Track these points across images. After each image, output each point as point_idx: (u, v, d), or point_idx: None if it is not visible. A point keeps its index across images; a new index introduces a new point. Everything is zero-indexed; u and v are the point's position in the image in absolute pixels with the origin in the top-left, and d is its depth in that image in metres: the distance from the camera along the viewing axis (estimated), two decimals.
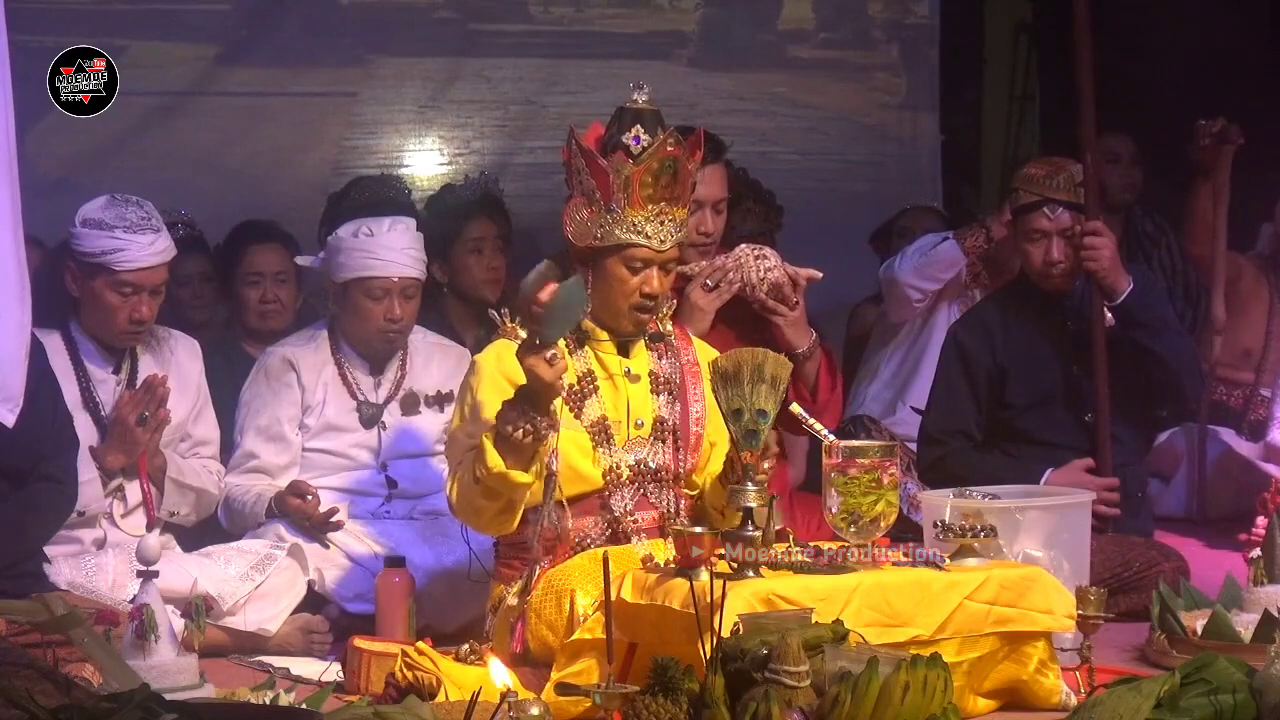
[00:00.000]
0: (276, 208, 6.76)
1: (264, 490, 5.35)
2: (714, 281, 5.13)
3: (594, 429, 4.44)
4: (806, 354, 5.12)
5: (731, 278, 5.13)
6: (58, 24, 7.01)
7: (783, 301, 5.11)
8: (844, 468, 4.23)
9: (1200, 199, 6.59)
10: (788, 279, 5.13)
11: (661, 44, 8.12)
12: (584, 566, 4.28)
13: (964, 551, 4.24)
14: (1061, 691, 4.23)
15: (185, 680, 4.22)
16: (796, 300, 5.13)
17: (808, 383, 5.13)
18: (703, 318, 5.07)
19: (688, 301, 5.09)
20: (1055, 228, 5.43)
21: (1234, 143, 6.41)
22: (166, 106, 7.48)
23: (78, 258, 5.13)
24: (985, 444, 5.55)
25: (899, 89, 8.41)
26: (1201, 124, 6.44)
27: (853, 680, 3.59)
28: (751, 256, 5.14)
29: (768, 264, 5.13)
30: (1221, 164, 6.46)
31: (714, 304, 5.12)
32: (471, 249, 6.29)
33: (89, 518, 5.06)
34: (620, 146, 4.39)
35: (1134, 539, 5.40)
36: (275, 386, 5.43)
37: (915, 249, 6.57)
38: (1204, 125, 6.43)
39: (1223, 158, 6.45)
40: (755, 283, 5.11)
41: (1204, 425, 6.57)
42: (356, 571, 5.24)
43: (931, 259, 6.49)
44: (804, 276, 5.17)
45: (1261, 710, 3.74)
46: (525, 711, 3.43)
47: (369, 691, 4.36)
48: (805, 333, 5.16)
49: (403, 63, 7.84)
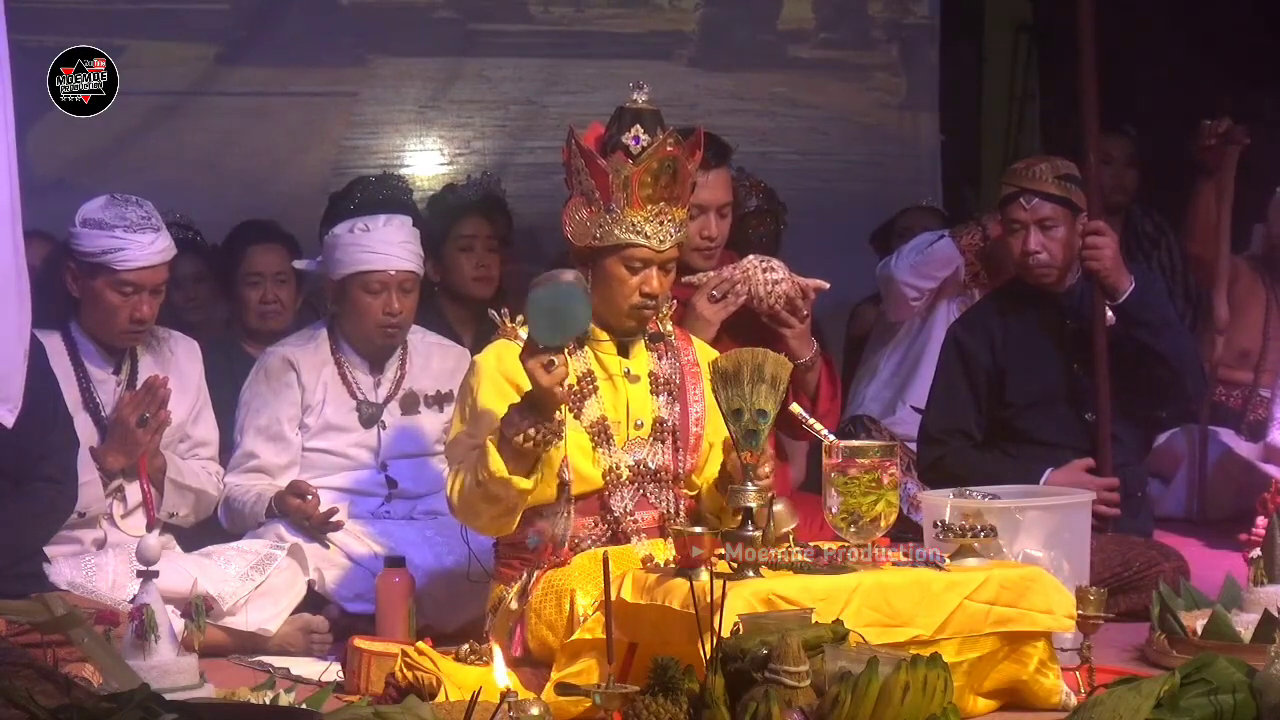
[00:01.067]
0: (276, 208, 6.76)
1: (264, 490, 5.35)
2: (720, 293, 5.12)
3: (594, 429, 4.44)
4: (808, 364, 5.12)
5: (739, 290, 5.11)
6: (58, 24, 7.01)
7: (793, 313, 5.11)
8: (844, 468, 4.23)
9: (1203, 199, 6.59)
10: (797, 290, 5.12)
11: (661, 44, 8.13)
12: (584, 566, 4.28)
13: (964, 551, 4.24)
14: (1061, 691, 4.23)
15: (185, 680, 4.22)
16: (806, 313, 5.13)
17: (808, 391, 5.12)
18: (708, 329, 5.05)
19: (693, 312, 5.07)
20: (1032, 218, 5.43)
21: (1239, 143, 6.41)
22: (166, 106, 7.48)
23: (78, 257, 5.13)
24: (985, 444, 5.54)
25: (899, 89, 8.41)
26: (1206, 124, 6.44)
27: (853, 680, 3.59)
28: (759, 269, 5.12)
29: (775, 276, 5.11)
30: (1226, 164, 6.46)
31: (720, 315, 5.11)
32: (462, 247, 6.30)
33: (89, 518, 5.06)
34: (620, 146, 4.39)
35: (1134, 539, 5.40)
36: (275, 386, 5.44)
37: (911, 247, 6.58)
38: (1209, 125, 6.42)
39: (1227, 158, 6.45)
40: (763, 295, 5.09)
41: (1205, 426, 6.57)
42: (356, 571, 5.24)
43: (928, 257, 6.50)
44: (812, 288, 5.16)
45: (1261, 710, 3.74)
46: (525, 711, 3.43)
47: (369, 691, 4.36)
48: (808, 343, 5.15)
49: (403, 63, 7.85)
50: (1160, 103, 7.49)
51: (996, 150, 8.42)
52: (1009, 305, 5.63)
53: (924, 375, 6.34)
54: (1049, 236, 5.42)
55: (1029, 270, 5.48)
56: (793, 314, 5.11)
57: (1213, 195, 6.53)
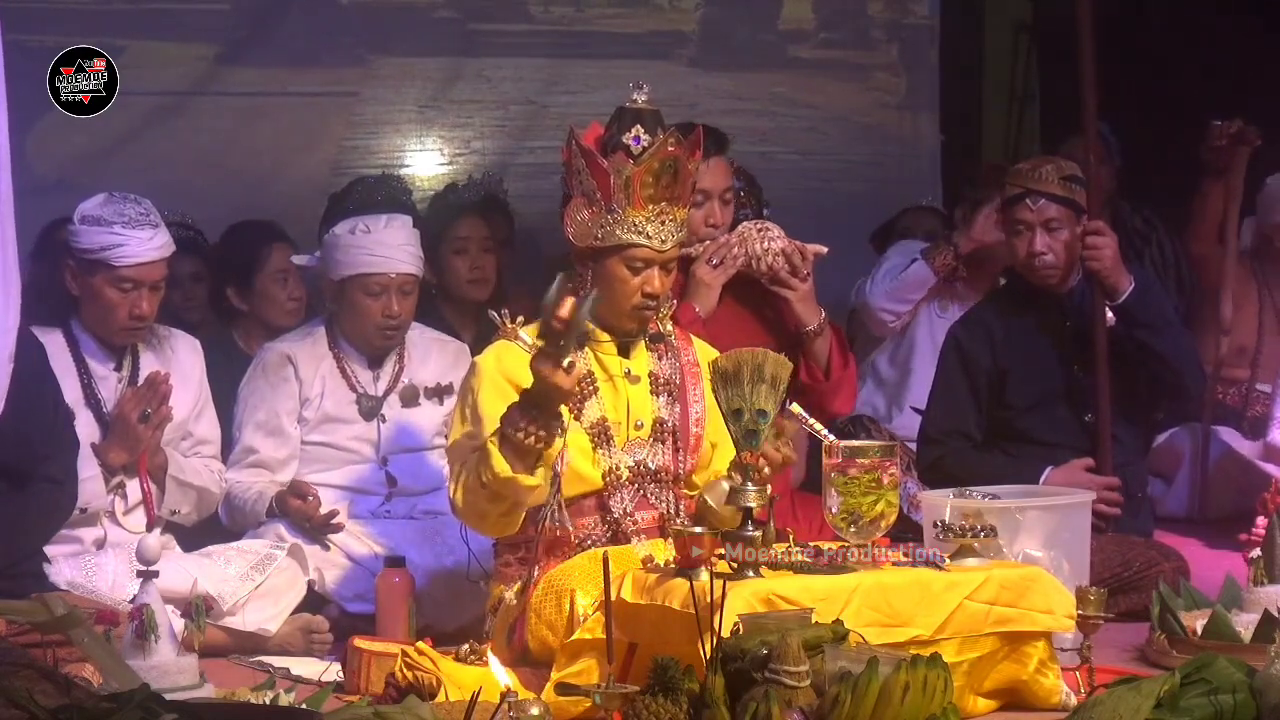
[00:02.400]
0: (276, 208, 6.76)
1: (265, 488, 5.36)
2: (719, 258, 5.16)
3: (594, 430, 4.44)
4: (817, 330, 5.16)
5: (735, 252, 5.16)
6: (57, 24, 7.00)
7: (793, 273, 5.13)
8: (844, 468, 4.23)
9: (1210, 199, 6.58)
10: (795, 249, 5.15)
11: (661, 44, 8.12)
12: (584, 566, 4.28)
13: (964, 551, 4.24)
14: (1061, 691, 4.23)
15: (185, 680, 4.22)
16: (807, 272, 5.15)
17: (820, 361, 5.15)
18: (709, 294, 5.10)
19: (693, 279, 5.13)
20: (1038, 219, 5.43)
21: (1251, 143, 6.41)
22: (166, 106, 7.47)
23: (77, 255, 5.13)
24: (985, 444, 5.55)
25: (899, 89, 8.41)
26: (1217, 124, 6.43)
27: (853, 680, 3.59)
28: (754, 230, 5.19)
29: (771, 235, 5.17)
30: (1236, 165, 6.45)
31: (719, 279, 5.15)
32: (457, 249, 6.30)
33: (90, 515, 5.06)
34: (620, 147, 4.39)
35: (1134, 539, 5.40)
36: (273, 381, 5.44)
37: (885, 272, 6.62)
38: (1220, 126, 6.41)
39: (1238, 158, 6.44)
40: (759, 253, 5.14)
41: (1208, 426, 6.56)
42: (356, 571, 5.24)
43: (902, 282, 6.55)
44: (810, 251, 5.19)
45: (1261, 710, 3.74)
46: (525, 711, 3.43)
47: (369, 691, 4.36)
48: (815, 309, 5.18)
49: (403, 63, 7.84)
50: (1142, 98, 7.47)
51: (996, 150, 8.41)
52: (1009, 306, 5.63)
53: (916, 374, 6.40)
54: (1054, 238, 5.43)
55: (1034, 272, 5.48)
56: (793, 274, 5.13)
57: (1220, 196, 6.52)
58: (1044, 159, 5.64)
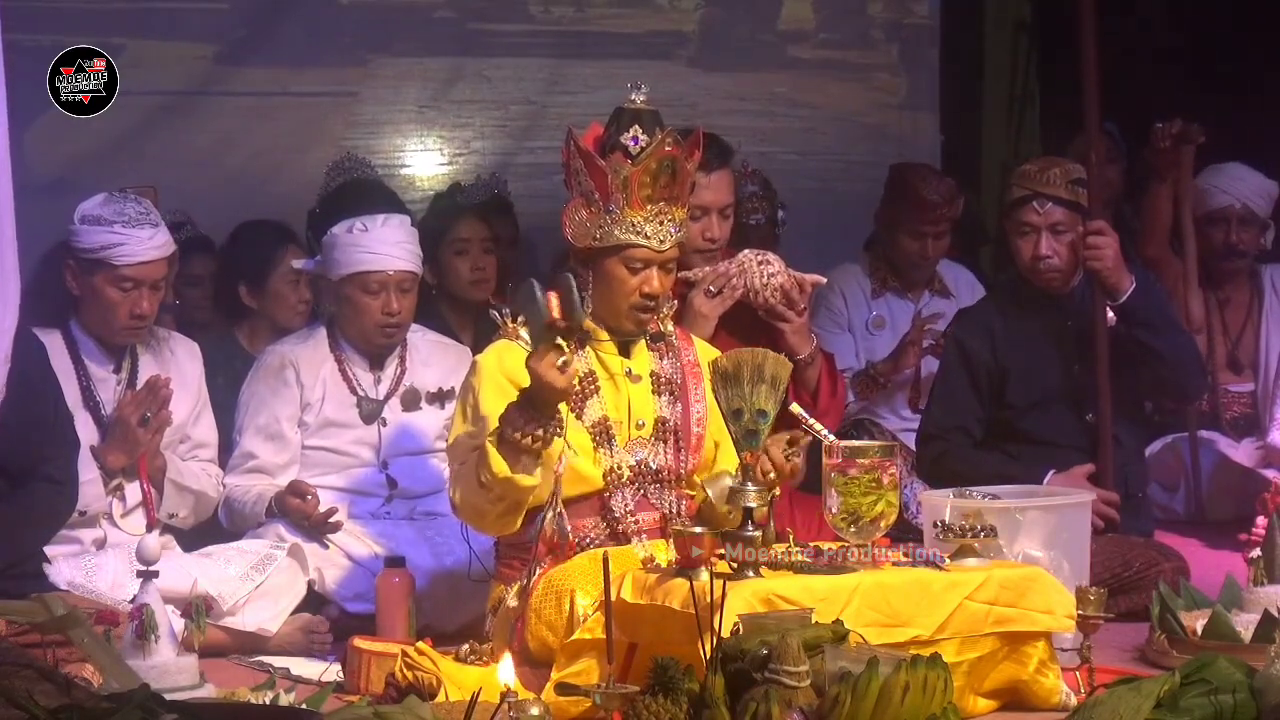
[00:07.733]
0: (277, 208, 6.76)
1: (264, 490, 5.35)
2: (717, 288, 5.12)
3: (595, 429, 4.44)
4: (808, 360, 5.11)
5: (735, 284, 5.10)
6: (57, 24, 7.00)
7: (790, 307, 5.10)
8: (844, 468, 4.23)
9: (1159, 201, 6.56)
10: (793, 284, 5.12)
11: (661, 44, 8.12)
12: (584, 566, 4.28)
13: (964, 551, 4.25)
14: (1061, 691, 4.23)
15: (185, 680, 4.23)
16: (804, 306, 5.13)
17: (809, 388, 5.12)
18: (705, 324, 5.05)
19: (691, 308, 5.07)
20: (1044, 222, 5.43)
21: (1194, 142, 6.39)
22: (166, 106, 7.47)
23: (77, 255, 5.14)
24: (985, 444, 5.54)
25: (899, 89, 8.40)
26: (1159, 126, 6.43)
27: (853, 680, 3.59)
28: (755, 262, 5.12)
29: (771, 269, 5.11)
30: (1184, 165, 6.44)
31: (717, 310, 5.10)
32: (457, 250, 6.29)
33: (89, 517, 5.06)
34: (619, 147, 4.39)
35: (1134, 539, 5.40)
36: (274, 385, 5.44)
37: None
38: (1162, 127, 6.41)
39: (1184, 158, 6.43)
40: (759, 288, 5.09)
41: (1194, 433, 6.54)
42: (356, 571, 5.24)
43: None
44: (809, 282, 5.16)
45: (1261, 710, 3.74)
46: (525, 711, 3.44)
47: (369, 691, 4.36)
48: (807, 339, 5.15)
49: (403, 63, 7.84)
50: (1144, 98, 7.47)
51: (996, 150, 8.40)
52: (1009, 306, 5.63)
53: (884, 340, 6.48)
54: (1059, 241, 5.43)
55: (1038, 275, 5.48)
56: (789, 307, 5.11)
57: (1167, 198, 6.51)
58: (1050, 161, 5.61)
